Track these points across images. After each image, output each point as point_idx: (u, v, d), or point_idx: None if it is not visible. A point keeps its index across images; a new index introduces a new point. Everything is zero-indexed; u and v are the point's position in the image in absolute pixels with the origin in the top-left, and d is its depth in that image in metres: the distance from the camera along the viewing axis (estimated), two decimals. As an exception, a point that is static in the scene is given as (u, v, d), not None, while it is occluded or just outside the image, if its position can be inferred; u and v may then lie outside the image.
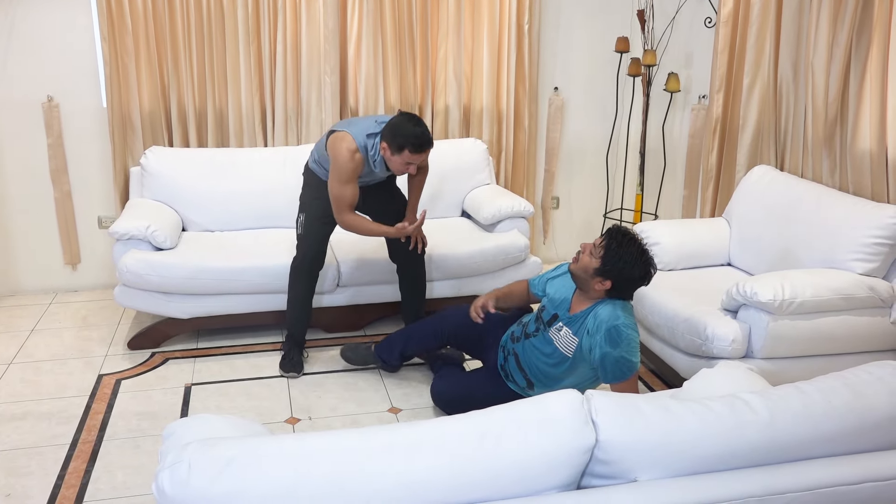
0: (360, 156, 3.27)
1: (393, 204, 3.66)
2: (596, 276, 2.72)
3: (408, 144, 3.16)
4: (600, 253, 2.70)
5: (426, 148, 3.22)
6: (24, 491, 2.70)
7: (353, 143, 3.26)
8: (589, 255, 2.73)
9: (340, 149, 3.26)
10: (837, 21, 3.44)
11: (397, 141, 3.17)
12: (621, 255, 2.68)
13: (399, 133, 3.17)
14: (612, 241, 2.71)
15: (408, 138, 3.16)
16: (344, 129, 3.30)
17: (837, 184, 3.56)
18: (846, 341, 3.10)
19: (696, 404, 1.59)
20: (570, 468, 1.49)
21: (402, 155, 3.19)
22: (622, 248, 2.69)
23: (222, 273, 3.70)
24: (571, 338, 2.81)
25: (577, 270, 2.78)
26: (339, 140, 3.28)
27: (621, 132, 5.05)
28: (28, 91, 4.22)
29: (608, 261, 2.69)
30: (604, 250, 2.70)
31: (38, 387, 3.44)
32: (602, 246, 2.71)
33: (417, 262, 3.68)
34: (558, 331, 2.86)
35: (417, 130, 3.17)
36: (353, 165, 3.28)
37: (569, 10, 4.85)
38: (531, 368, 2.95)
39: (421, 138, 3.17)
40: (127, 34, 4.14)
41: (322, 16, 4.33)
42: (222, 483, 1.36)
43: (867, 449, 1.63)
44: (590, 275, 2.73)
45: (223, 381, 3.53)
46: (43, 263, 4.49)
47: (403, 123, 3.20)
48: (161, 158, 4.14)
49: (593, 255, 2.72)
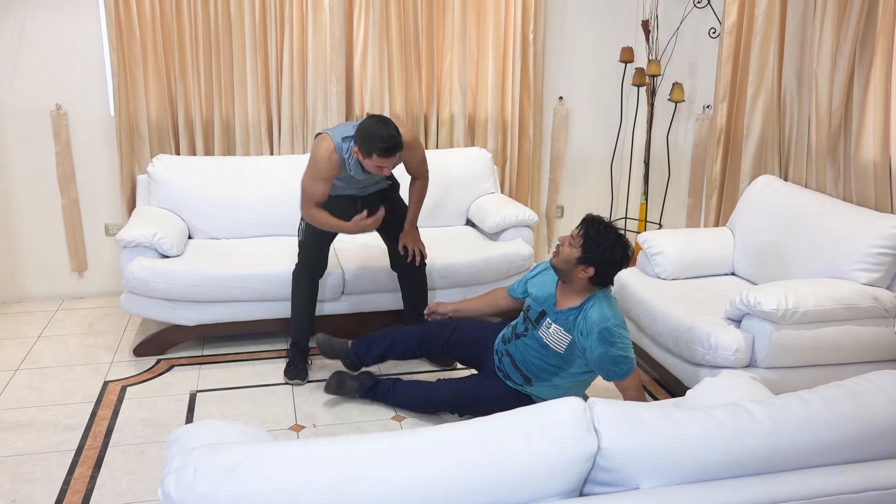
0: (336, 157, 3.28)
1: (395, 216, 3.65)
2: (579, 264, 2.80)
3: (375, 149, 3.12)
4: (580, 242, 2.80)
5: (394, 152, 3.15)
6: (30, 497, 2.71)
7: (332, 144, 3.27)
8: (569, 247, 2.82)
9: (320, 148, 3.29)
10: (841, 31, 3.45)
11: (366, 146, 3.14)
12: (600, 242, 2.78)
13: (367, 137, 3.14)
14: (590, 228, 2.80)
15: (375, 142, 3.11)
16: (327, 132, 3.35)
17: (841, 194, 3.56)
18: (849, 351, 3.10)
19: (698, 412, 1.60)
20: (572, 475, 1.50)
21: (372, 159, 3.16)
22: (600, 234, 2.79)
23: (228, 280, 3.72)
24: (563, 334, 2.88)
25: (560, 263, 2.86)
26: (320, 140, 3.33)
27: (625, 142, 5.07)
28: (36, 99, 4.26)
29: (589, 248, 2.78)
30: (583, 239, 2.79)
31: (43, 393, 3.46)
32: (581, 235, 2.81)
33: (418, 271, 3.70)
34: (547, 328, 2.93)
35: (384, 134, 3.11)
36: (329, 165, 3.28)
37: (573, 20, 4.87)
38: (526, 365, 3.00)
39: (388, 142, 3.11)
40: (135, 43, 4.18)
41: (328, 25, 4.36)
42: (228, 488, 1.38)
43: (868, 458, 1.63)
44: (572, 264, 2.81)
45: (228, 388, 3.54)
46: (50, 270, 4.52)
47: (371, 127, 3.14)
48: (168, 166, 4.17)
49: (573, 245, 2.81)
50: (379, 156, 3.13)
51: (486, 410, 3.07)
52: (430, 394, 3.23)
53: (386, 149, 3.12)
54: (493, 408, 3.03)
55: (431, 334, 3.34)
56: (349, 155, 3.28)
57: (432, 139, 4.74)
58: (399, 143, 3.16)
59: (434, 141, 4.74)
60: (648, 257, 3.76)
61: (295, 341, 3.65)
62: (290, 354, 3.65)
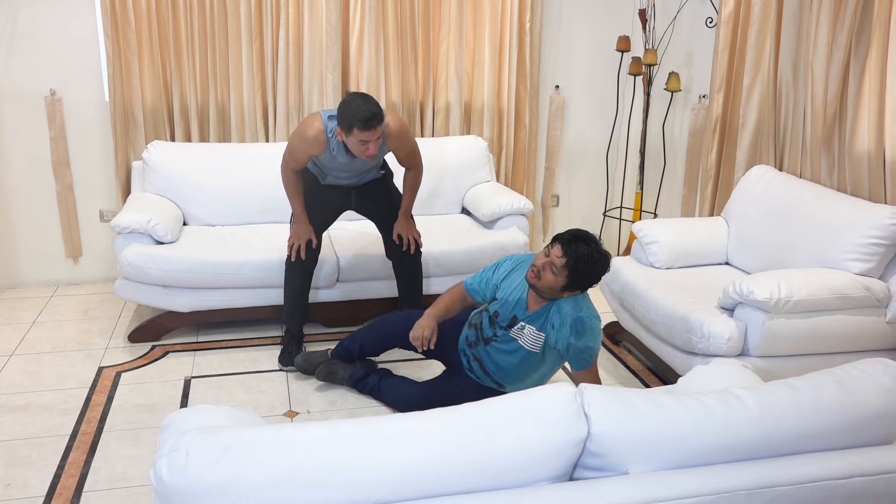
0: (322, 137, 3.26)
1: (388, 205, 3.66)
2: (564, 290, 2.73)
3: (356, 122, 3.06)
4: (565, 273, 2.67)
5: (374, 124, 3.07)
6: (25, 481, 2.72)
7: (320, 125, 3.26)
8: (552, 274, 2.68)
9: (310, 126, 3.28)
10: (837, 22, 3.45)
11: (346, 120, 3.09)
12: (582, 270, 2.68)
13: (346, 112, 3.09)
14: (578, 261, 2.66)
15: (354, 116, 3.05)
16: (318, 112, 3.34)
17: (835, 184, 3.57)
18: (842, 340, 3.11)
19: (688, 399, 1.62)
20: (562, 460, 1.51)
21: (353, 134, 3.10)
22: (586, 263, 2.67)
23: (222, 267, 3.72)
24: (536, 334, 2.83)
25: (543, 287, 2.73)
26: (310, 119, 3.32)
27: (622, 131, 5.07)
28: (31, 84, 4.24)
29: (573, 276, 2.68)
30: (568, 269, 2.66)
31: (38, 378, 3.46)
32: (565, 266, 2.66)
33: (413, 260, 3.70)
34: (520, 329, 2.86)
35: (364, 107, 3.05)
36: (314, 143, 3.28)
37: (570, 9, 4.86)
38: (498, 370, 2.97)
39: (367, 114, 3.04)
40: (130, 29, 4.16)
41: (325, 12, 4.34)
42: (220, 470, 1.38)
43: (856, 444, 1.65)
44: (557, 290, 2.73)
45: (223, 374, 3.55)
46: (44, 256, 4.52)
47: (351, 102, 3.10)
48: (163, 153, 4.16)
49: (556, 273, 2.67)
50: (359, 129, 3.07)
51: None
52: (408, 394, 3.18)
53: (365, 121, 3.05)
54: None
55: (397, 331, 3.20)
56: (332, 135, 3.26)
57: (428, 127, 4.73)
58: (379, 115, 3.09)
59: (430, 129, 4.73)
60: (643, 246, 3.77)
61: (288, 328, 3.66)
62: (285, 341, 3.66)
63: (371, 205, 3.67)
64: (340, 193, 3.59)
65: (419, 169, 3.58)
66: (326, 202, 3.60)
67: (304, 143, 3.31)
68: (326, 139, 3.29)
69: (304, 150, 3.34)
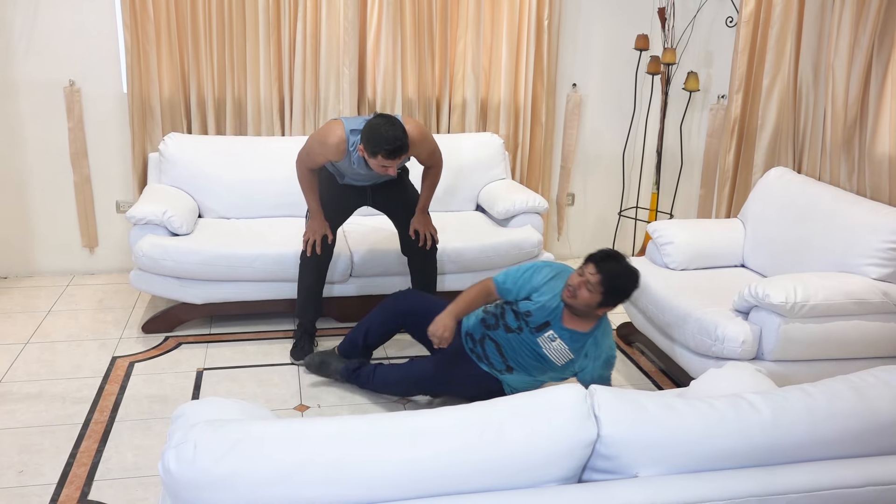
0: (343, 147, 3.29)
1: (405, 201, 3.66)
2: (599, 307, 2.83)
3: (381, 150, 3.12)
4: (599, 289, 2.77)
5: (398, 154, 3.15)
6: (37, 468, 2.74)
7: (341, 136, 3.28)
8: (588, 292, 2.78)
9: (332, 133, 3.29)
10: (860, 23, 3.41)
11: (371, 145, 3.14)
12: (617, 287, 2.80)
13: (373, 137, 3.13)
14: (610, 278, 2.77)
15: (381, 143, 3.11)
16: (342, 119, 3.35)
17: (855, 187, 3.53)
18: (858, 346, 3.08)
19: (699, 402, 1.60)
20: (571, 461, 1.50)
21: (378, 159, 3.16)
22: (619, 279, 2.80)
23: (236, 260, 3.73)
24: (566, 352, 2.92)
25: (579, 305, 2.82)
26: (334, 125, 3.33)
27: (639, 130, 5.04)
28: (50, 75, 4.27)
29: (609, 294, 2.79)
30: (602, 286, 2.77)
31: (53, 367, 3.49)
32: (600, 283, 2.76)
33: (428, 256, 3.70)
34: (550, 340, 2.92)
35: (390, 135, 3.11)
36: (334, 151, 3.30)
37: (589, 7, 4.83)
38: (514, 359, 3.01)
39: (393, 143, 3.11)
40: (149, 21, 4.18)
41: (342, 7, 4.34)
42: (227, 464, 1.38)
43: (870, 453, 1.63)
44: (593, 307, 2.83)
45: (235, 366, 3.56)
46: (61, 246, 4.55)
47: (379, 127, 3.14)
48: (179, 145, 4.18)
49: (592, 290, 2.77)
50: (384, 157, 3.15)
51: (460, 391, 3.05)
52: (403, 376, 3.20)
53: (391, 151, 3.13)
54: (467, 387, 3.05)
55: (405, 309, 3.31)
56: (353, 149, 3.30)
57: (444, 124, 4.72)
58: (404, 146, 3.16)
59: (446, 126, 4.72)
60: (658, 247, 3.74)
61: (301, 322, 3.67)
62: (297, 335, 3.67)
63: (388, 201, 3.67)
64: (357, 191, 3.60)
65: (439, 166, 3.60)
66: (342, 198, 3.61)
67: (324, 148, 3.33)
68: (347, 150, 3.31)
69: (323, 155, 3.36)
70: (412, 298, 3.37)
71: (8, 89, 4.25)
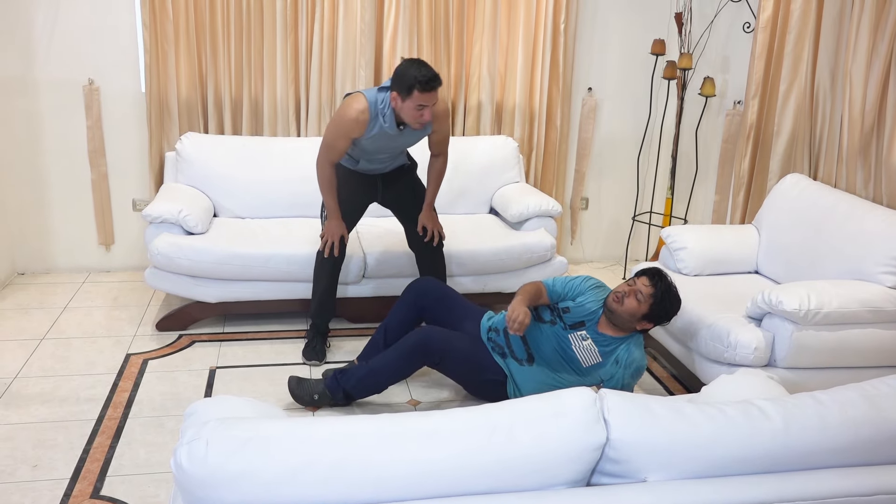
0: (365, 117, 3.26)
1: (414, 195, 3.67)
2: (642, 319, 2.91)
3: (416, 83, 3.09)
4: (650, 301, 2.88)
5: (434, 85, 3.12)
6: (51, 463, 2.77)
7: (364, 103, 3.26)
8: (636, 301, 2.88)
9: (349, 107, 3.28)
10: (878, 30, 3.39)
11: (406, 82, 3.12)
12: (668, 306, 2.93)
13: (407, 75, 3.12)
14: (660, 290, 2.90)
15: (416, 77, 3.09)
16: (359, 91, 3.35)
17: (871, 195, 3.51)
18: (872, 355, 3.06)
19: (709, 408, 1.60)
20: (580, 465, 1.51)
21: (412, 98, 3.12)
22: (666, 295, 2.92)
23: (250, 259, 3.75)
24: (595, 355, 2.95)
25: (623, 312, 2.90)
26: (351, 99, 3.32)
27: (654, 135, 5.03)
28: (70, 74, 4.32)
29: (657, 308, 2.90)
30: (653, 299, 2.88)
31: (68, 363, 3.52)
32: (651, 295, 2.89)
33: (436, 251, 3.70)
34: (582, 339, 2.97)
35: (424, 70, 3.11)
36: (355, 125, 3.27)
37: (605, 11, 4.83)
38: (538, 349, 3.02)
39: (428, 74, 3.10)
40: (168, 22, 4.22)
41: (359, 9, 4.36)
42: (238, 461, 1.40)
43: (881, 461, 1.62)
44: (636, 318, 2.90)
45: (247, 365, 3.58)
46: (78, 243, 4.59)
47: (409, 67, 3.14)
48: (196, 144, 4.21)
49: (641, 301, 2.88)
50: (420, 91, 3.11)
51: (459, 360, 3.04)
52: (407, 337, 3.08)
53: (426, 82, 3.10)
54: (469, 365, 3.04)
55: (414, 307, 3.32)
56: (384, 105, 3.26)
57: (459, 126, 4.73)
58: (438, 78, 3.15)
59: (461, 128, 4.73)
60: (671, 252, 3.73)
61: (314, 322, 3.68)
62: (310, 335, 3.68)
63: (396, 195, 3.68)
64: (368, 184, 3.60)
65: (447, 157, 3.62)
66: (354, 193, 3.60)
67: (343, 126, 3.29)
68: (370, 118, 3.28)
69: (346, 135, 3.32)
70: (427, 285, 3.39)
71: (28, 88, 4.30)
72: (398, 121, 3.28)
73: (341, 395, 3.13)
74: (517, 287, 4.07)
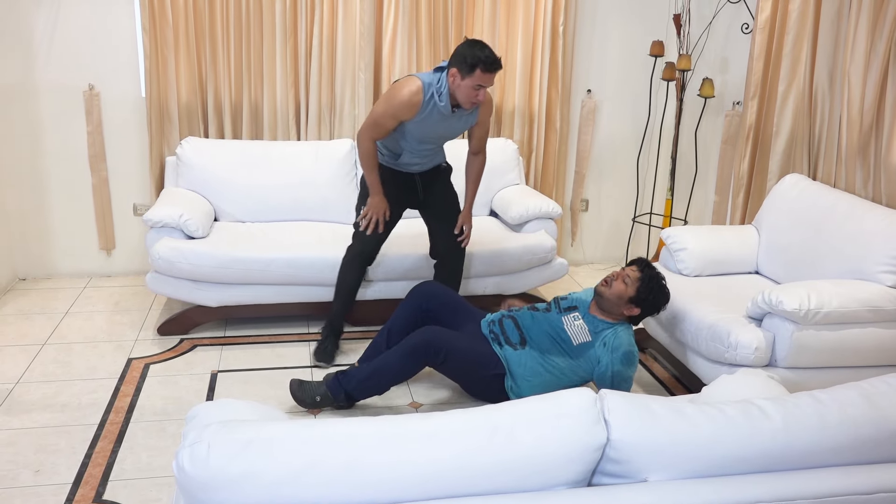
0: (418, 98, 3.26)
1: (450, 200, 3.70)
2: (629, 302, 3.06)
3: (479, 63, 3.15)
4: (636, 284, 3.05)
5: (496, 68, 3.20)
6: (53, 468, 2.78)
7: (418, 84, 3.27)
8: (623, 284, 3.05)
9: (404, 87, 3.29)
10: (876, 30, 3.40)
11: (468, 61, 3.17)
12: (652, 288, 3.08)
13: (471, 54, 3.17)
14: (650, 279, 3.08)
15: (479, 57, 3.16)
16: (414, 74, 3.36)
17: (870, 195, 3.51)
18: (872, 354, 3.06)
19: (709, 408, 1.60)
20: (581, 465, 1.51)
21: (473, 76, 3.17)
22: (653, 280, 3.09)
23: (251, 263, 3.76)
24: (585, 333, 3.07)
25: (611, 295, 3.06)
26: (405, 80, 3.34)
27: (653, 136, 5.03)
28: (70, 79, 4.33)
29: (643, 291, 3.06)
30: (640, 283, 3.06)
31: (69, 368, 3.53)
32: (638, 279, 3.06)
33: (457, 259, 3.70)
34: (574, 319, 3.11)
35: (488, 51, 3.18)
36: (407, 105, 3.27)
37: (604, 13, 4.84)
38: (529, 333, 3.11)
39: (492, 56, 3.18)
40: (167, 27, 4.23)
41: (358, 12, 4.37)
42: (240, 464, 1.40)
43: (881, 460, 1.62)
44: (623, 301, 3.06)
45: (249, 369, 3.59)
46: (79, 248, 4.60)
47: (472, 47, 3.20)
48: (196, 149, 4.22)
49: (627, 284, 3.05)
50: (482, 70, 3.16)
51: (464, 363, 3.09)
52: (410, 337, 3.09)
53: (491, 63, 3.17)
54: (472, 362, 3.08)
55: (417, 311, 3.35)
56: (441, 84, 3.27)
57: (459, 129, 4.73)
58: (500, 62, 3.22)
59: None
60: (671, 253, 3.74)
61: (330, 321, 3.69)
62: (324, 334, 3.68)
63: (435, 198, 3.67)
64: (407, 186, 3.59)
65: (485, 154, 3.65)
66: (393, 195, 3.56)
67: (395, 106, 3.29)
68: (423, 101, 3.28)
69: (395, 115, 3.32)
70: (433, 289, 3.41)
71: (28, 93, 4.31)
72: (453, 102, 3.31)
73: (343, 396, 3.14)
74: (518, 289, 4.13)
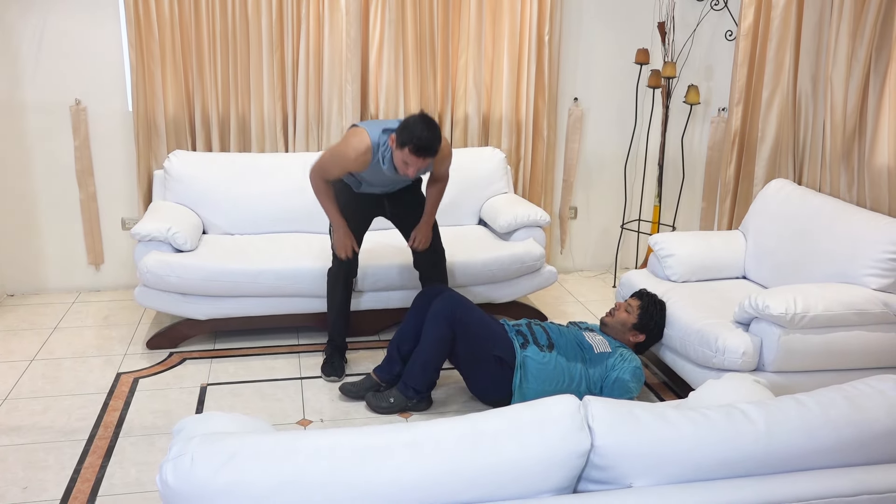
0: (365, 158, 3.25)
1: (419, 212, 3.67)
2: (633, 328, 3.30)
3: (410, 143, 3.08)
4: (637, 312, 3.31)
5: (425, 154, 3.11)
6: (41, 484, 2.76)
7: (367, 144, 3.24)
8: (626, 313, 3.33)
9: (351, 142, 3.27)
10: (857, 36, 3.43)
11: (403, 136, 3.11)
12: (652, 314, 3.32)
13: (409, 128, 3.11)
14: (648, 303, 3.34)
15: (412, 137, 3.08)
16: (364, 126, 3.31)
17: (855, 198, 3.54)
18: (858, 357, 3.08)
19: (693, 412, 1.61)
20: (565, 472, 1.51)
21: (403, 152, 3.12)
22: (653, 306, 3.34)
23: (240, 275, 3.76)
24: (605, 345, 3.27)
25: (615, 324, 3.33)
26: (354, 134, 3.29)
27: (640, 143, 5.06)
28: (56, 94, 4.33)
29: (645, 316, 3.31)
30: (641, 310, 3.32)
31: (58, 383, 3.51)
32: (639, 306, 3.33)
33: (434, 265, 3.71)
34: (595, 335, 3.31)
35: (425, 134, 3.09)
36: (355, 164, 3.28)
37: (589, 21, 4.87)
38: (557, 340, 3.25)
39: (424, 141, 3.08)
40: (153, 41, 4.24)
41: (344, 24, 4.39)
42: (224, 476, 1.40)
43: (864, 462, 1.63)
44: (627, 327, 3.31)
45: (238, 381, 3.58)
46: (67, 263, 4.59)
47: (417, 123, 3.12)
48: (184, 162, 4.22)
49: (630, 312, 3.32)
50: (411, 151, 3.10)
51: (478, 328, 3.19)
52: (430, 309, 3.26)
53: (419, 147, 3.09)
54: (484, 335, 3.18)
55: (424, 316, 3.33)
56: (385, 148, 3.25)
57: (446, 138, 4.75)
58: (434, 149, 3.14)
59: (448, 140, 4.75)
60: (659, 259, 3.75)
61: (331, 338, 3.69)
62: (328, 351, 3.68)
63: (402, 211, 3.67)
64: (373, 201, 3.60)
65: (446, 182, 3.60)
66: (359, 210, 3.59)
67: (344, 161, 3.29)
68: (370, 160, 3.27)
69: (343, 168, 3.33)
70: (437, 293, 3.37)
71: (15, 108, 4.31)
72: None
73: (411, 392, 3.28)
74: (507, 297, 4.13)
